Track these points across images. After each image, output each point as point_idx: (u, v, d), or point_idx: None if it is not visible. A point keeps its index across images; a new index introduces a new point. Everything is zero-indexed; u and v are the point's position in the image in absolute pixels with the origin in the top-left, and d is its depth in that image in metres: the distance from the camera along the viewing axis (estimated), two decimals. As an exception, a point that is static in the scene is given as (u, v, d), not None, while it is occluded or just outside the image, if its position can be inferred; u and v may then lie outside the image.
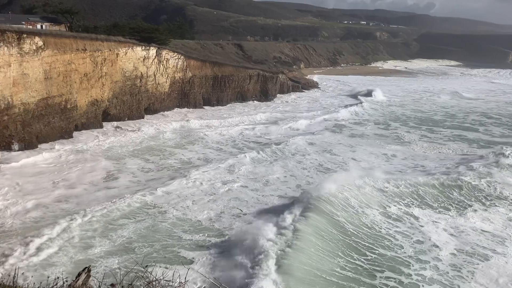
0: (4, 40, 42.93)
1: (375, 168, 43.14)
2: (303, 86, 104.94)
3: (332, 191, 33.93)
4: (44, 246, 25.82)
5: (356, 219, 31.19)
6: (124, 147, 49.72)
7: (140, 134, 55.35)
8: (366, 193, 35.51)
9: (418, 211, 33.78)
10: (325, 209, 31.36)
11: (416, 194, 36.89)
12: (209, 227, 29.85)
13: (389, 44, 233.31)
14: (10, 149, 44.98)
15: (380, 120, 71.98)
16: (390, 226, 31.09)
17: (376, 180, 37.99)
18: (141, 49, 65.09)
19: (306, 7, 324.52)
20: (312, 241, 27.03)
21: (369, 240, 28.51)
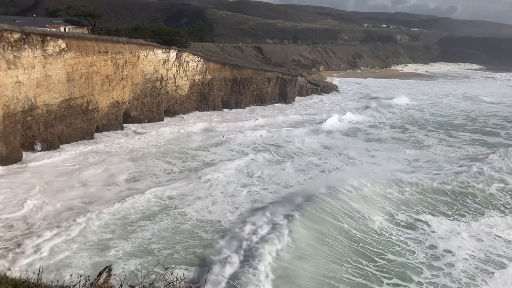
0: (28, 42, 43.85)
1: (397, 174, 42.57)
2: (322, 89, 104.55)
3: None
4: (63, 246, 26.25)
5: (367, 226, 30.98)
6: (146, 148, 50.02)
7: (161, 136, 55.74)
8: (374, 198, 35.28)
9: (434, 218, 33.41)
10: (330, 215, 31.37)
11: (432, 200, 36.48)
12: (229, 228, 29.93)
13: (410, 47, 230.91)
14: (33, 149, 45.91)
15: (397, 124, 71.19)
16: (401, 232, 30.79)
17: (391, 186, 37.74)
18: (162, 51, 65.78)
19: (326, 10, 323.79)
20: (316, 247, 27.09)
21: (379, 246, 28.33)
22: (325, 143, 55.58)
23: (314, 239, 28.42)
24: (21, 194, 33.97)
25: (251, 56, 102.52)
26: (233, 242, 27.30)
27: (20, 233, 27.58)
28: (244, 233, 28.51)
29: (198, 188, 37.41)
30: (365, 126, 68.42)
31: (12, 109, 42.31)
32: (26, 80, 43.69)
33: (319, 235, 29.05)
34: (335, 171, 44.04)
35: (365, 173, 41.54)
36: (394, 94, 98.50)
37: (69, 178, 38.84)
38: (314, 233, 29.21)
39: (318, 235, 29.04)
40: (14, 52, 41.90)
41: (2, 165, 40.27)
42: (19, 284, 5.70)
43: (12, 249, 25.39)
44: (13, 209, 31.07)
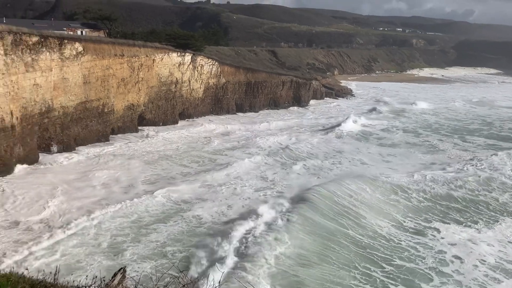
0: (46, 45, 44.52)
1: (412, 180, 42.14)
2: (336, 93, 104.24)
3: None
4: (78, 248, 26.54)
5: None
6: (162, 151, 50.14)
7: (176, 139, 56.07)
8: (381, 205, 34.96)
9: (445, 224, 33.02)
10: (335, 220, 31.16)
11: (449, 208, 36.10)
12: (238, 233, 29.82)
13: (426, 52, 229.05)
14: (50, 151, 46.52)
15: (410, 128, 70.61)
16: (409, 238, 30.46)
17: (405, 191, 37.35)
18: (177, 55, 66.25)
19: (341, 14, 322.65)
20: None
21: (387, 252, 28.09)
22: (338, 147, 55.26)
23: (320, 245, 28.25)
24: (41, 196, 34.26)
25: (265, 59, 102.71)
26: (237, 245, 27.40)
27: (38, 234, 27.82)
28: (246, 236, 28.54)
29: (213, 192, 37.39)
30: (378, 130, 67.92)
31: (30, 111, 42.96)
32: (43, 83, 44.34)
33: (324, 241, 28.84)
34: (347, 177, 43.71)
35: (376, 179, 41.32)
36: (409, 98, 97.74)
37: (86, 180, 39.14)
38: (320, 239, 29.00)
39: (323, 241, 28.82)
40: (32, 55, 42.57)
41: (20, 165, 40.88)
42: (36, 283, 5.79)
43: (30, 249, 25.73)
44: (33, 211, 31.34)
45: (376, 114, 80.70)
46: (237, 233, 28.79)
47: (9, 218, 29.98)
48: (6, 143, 38.86)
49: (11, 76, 39.67)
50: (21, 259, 24.53)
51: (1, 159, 38.31)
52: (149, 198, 34.76)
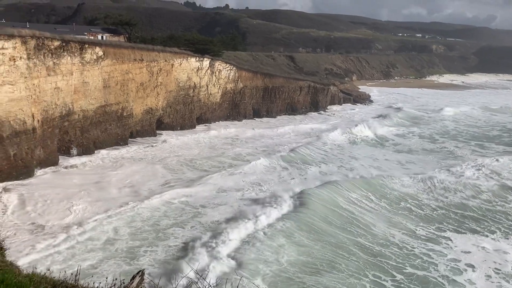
0: (68, 50, 45.30)
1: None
2: (354, 99, 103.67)
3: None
4: (97, 251, 26.80)
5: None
6: (181, 156, 50.17)
7: (195, 143, 56.33)
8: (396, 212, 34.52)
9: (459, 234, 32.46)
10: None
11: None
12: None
13: (445, 58, 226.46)
14: (69, 154, 47.21)
15: (426, 134, 69.82)
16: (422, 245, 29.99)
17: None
18: (195, 60, 66.74)
19: (360, 19, 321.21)
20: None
21: (399, 259, 27.69)
22: (353, 154, 54.80)
23: (329, 252, 28.00)
24: (64, 199, 34.55)
25: (283, 64, 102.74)
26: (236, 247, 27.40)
27: (63, 238, 28.07)
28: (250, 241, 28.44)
29: (232, 197, 37.26)
30: (395, 136, 67.23)
31: (51, 114, 43.69)
32: (64, 86, 45.07)
33: (333, 248, 28.56)
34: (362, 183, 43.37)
35: (384, 185, 40.95)
36: (428, 105, 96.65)
37: (106, 183, 39.33)
38: (329, 246, 28.72)
39: (332, 248, 28.55)
40: (54, 59, 43.34)
41: (40, 168, 41.58)
42: (58, 284, 5.88)
43: (53, 251, 26.12)
44: (58, 215, 31.56)
45: (393, 119, 79.94)
46: (237, 235, 28.77)
47: (34, 221, 30.24)
48: (27, 146, 39.56)
49: (33, 79, 40.43)
50: (45, 261, 24.84)
51: (22, 162, 38.99)
52: (167, 203, 34.88)
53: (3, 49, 36.83)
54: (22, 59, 38.80)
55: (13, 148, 38.05)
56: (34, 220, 30.40)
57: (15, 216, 30.93)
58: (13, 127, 38.00)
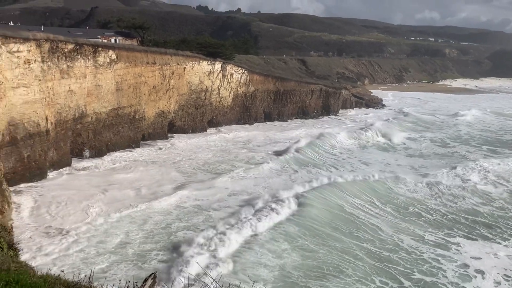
0: (81, 53, 45.75)
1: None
2: (366, 103, 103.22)
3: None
4: (111, 254, 26.93)
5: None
6: (194, 159, 50.14)
7: (207, 146, 56.41)
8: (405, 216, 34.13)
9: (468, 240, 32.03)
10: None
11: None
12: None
13: (459, 62, 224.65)
14: (82, 156, 47.61)
15: (438, 138, 69.24)
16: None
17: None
18: (207, 63, 67.00)
19: (372, 23, 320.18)
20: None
21: (407, 265, 27.38)
22: (364, 159, 54.43)
23: (336, 257, 27.79)
24: (80, 201, 34.71)
25: (294, 68, 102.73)
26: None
27: (76, 240, 28.36)
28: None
29: (239, 201, 37.08)
30: (406, 140, 66.65)
31: (64, 116, 44.12)
32: (77, 89, 45.49)
33: (339, 253, 28.31)
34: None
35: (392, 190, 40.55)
36: (441, 109, 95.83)
37: (120, 186, 39.42)
38: (335, 251, 28.49)
39: (339, 253, 28.29)
40: (68, 62, 43.79)
41: (53, 170, 41.98)
42: (72, 285, 5.91)
43: (63, 253, 26.30)
44: (76, 218, 31.69)
45: (405, 124, 79.39)
46: (238, 239, 28.68)
47: (49, 223, 30.39)
48: (40, 148, 39.97)
49: (47, 82, 40.88)
50: (59, 262, 25.01)
51: (35, 163, 39.39)
52: (180, 206, 34.92)
53: (18, 52, 37.31)
54: (36, 62, 39.26)
55: (27, 150, 38.47)
56: (49, 222, 30.61)
57: (30, 218, 31.19)
58: (27, 129, 38.43)
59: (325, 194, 38.38)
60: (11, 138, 36.86)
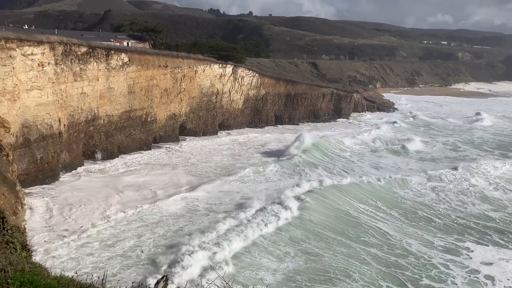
0: (94, 56, 46.20)
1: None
2: (378, 106, 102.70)
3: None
4: (125, 255, 27.06)
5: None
6: (206, 163, 50.11)
7: (219, 149, 56.44)
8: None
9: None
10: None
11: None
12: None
13: (472, 65, 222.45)
14: (94, 158, 47.99)
15: (450, 142, 68.75)
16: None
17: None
18: (218, 66, 67.22)
19: (384, 27, 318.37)
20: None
21: (415, 270, 27.11)
22: (374, 162, 54.09)
23: (342, 261, 27.58)
24: (96, 203, 34.97)
25: (306, 71, 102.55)
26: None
27: (91, 242, 28.58)
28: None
29: (246, 204, 36.89)
30: (418, 143, 66.08)
31: (76, 118, 44.55)
32: (90, 92, 45.92)
33: (347, 258, 28.10)
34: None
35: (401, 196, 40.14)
36: (453, 113, 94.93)
37: (134, 188, 39.57)
38: (342, 257, 28.29)
39: (345, 257, 28.09)
40: (81, 65, 44.25)
41: (65, 171, 42.37)
42: (85, 287, 5.96)
43: (77, 254, 26.53)
44: (93, 220, 31.89)
45: (417, 128, 78.86)
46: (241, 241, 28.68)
47: (63, 225, 30.65)
48: (53, 150, 40.38)
49: (60, 85, 41.33)
50: (72, 264, 25.22)
51: (48, 165, 39.79)
52: (191, 210, 34.97)
53: (32, 55, 37.79)
54: (50, 65, 39.73)
55: (40, 152, 38.89)
56: (61, 224, 30.93)
57: (43, 220, 31.50)
58: (40, 131, 38.86)
59: (332, 197, 38.22)
60: (24, 139, 37.30)
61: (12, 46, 35.98)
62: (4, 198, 21.07)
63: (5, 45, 35.34)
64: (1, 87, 34.76)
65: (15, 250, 8.27)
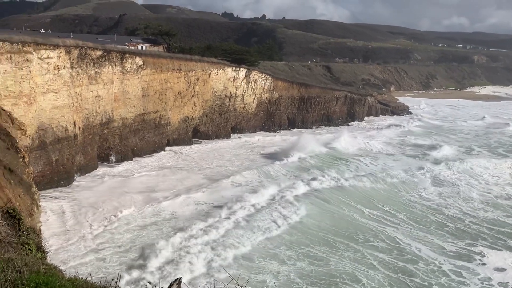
0: (109, 59, 46.65)
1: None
2: (392, 110, 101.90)
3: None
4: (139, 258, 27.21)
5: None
6: (221, 166, 50.08)
7: (233, 153, 56.42)
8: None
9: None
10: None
11: None
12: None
13: (488, 69, 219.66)
14: (108, 160, 48.38)
15: (465, 145, 68.21)
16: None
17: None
18: (232, 70, 67.39)
19: (399, 30, 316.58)
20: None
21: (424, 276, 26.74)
22: (386, 165, 53.68)
23: (349, 265, 27.37)
24: (108, 205, 35.28)
25: (319, 74, 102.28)
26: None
27: (105, 245, 28.86)
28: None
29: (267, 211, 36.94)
30: (431, 145, 65.59)
31: (91, 121, 44.98)
32: (105, 95, 46.35)
33: (352, 262, 27.87)
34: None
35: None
36: (469, 116, 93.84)
37: (150, 191, 39.78)
38: (348, 261, 28.07)
39: (351, 262, 27.87)
40: (96, 68, 44.71)
41: (80, 174, 42.78)
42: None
43: (92, 257, 26.76)
44: (103, 222, 32.28)
45: (429, 130, 78.12)
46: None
47: (78, 228, 30.91)
48: (68, 152, 40.81)
49: (75, 88, 41.80)
50: (87, 267, 25.43)
51: (63, 167, 40.21)
52: (206, 213, 34.98)
53: (48, 59, 38.29)
54: (65, 68, 40.21)
55: (55, 154, 39.33)
56: (77, 226, 31.18)
57: (58, 221, 31.80)
58: (55, 133, 39.31)
59: (334, 203, 37.98)
60: (40, 142, 37.77)
61: (29, 49, 36.53)
62: (20, 200, 21.33)
63: (22, 48, 35.90)
64: (18, 90, 35.29)
65: (31, 251, 8.37)
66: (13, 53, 35.10)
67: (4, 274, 5.11)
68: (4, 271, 5.09)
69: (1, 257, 5.77)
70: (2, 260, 5.65)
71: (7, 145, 26.78)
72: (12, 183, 20.98)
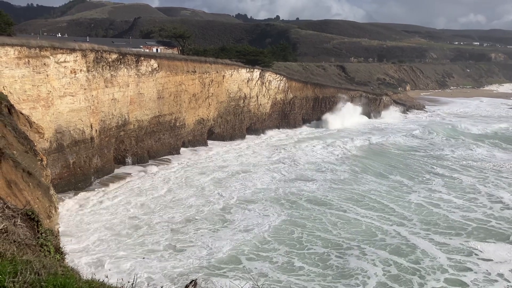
0: (124, 62, 47.10)
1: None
2: (408, 109, 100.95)
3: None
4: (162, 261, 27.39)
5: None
6: (233, 166, 50.12)
7: (250, 154, 56.35)
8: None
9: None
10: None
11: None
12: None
13: (506, 66, 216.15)
14: (124, 163, 48.82)
15: (487, 144, 67.49)
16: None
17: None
18: (246, 71, 67.48)
19: (414, 28, 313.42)
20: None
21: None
22: (404, 164, 53.24)
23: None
24: (127, 208, 35.79)
25: (334, 75, 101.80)
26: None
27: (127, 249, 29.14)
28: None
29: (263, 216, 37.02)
30: (448, 146, 64.73)
31: (108, 124, 45.46)
32: (120, 97, 46.81)
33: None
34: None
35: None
36: (488, 115, 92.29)
37: (172, 194, 39.87)
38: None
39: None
40: (112, 71, 45.18)
41: (97, 177, 43.20)
42: (116, 291, 6.09)
43: (112, 259, 27.07)
44: (123, 225, 32.77)
45: (448, 131, 77.08)
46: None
47: (102, 233, 31.04)
48: (85, 154, 41.30)
49: (92, 91, 42.29)
50: (105, 270, 25.69)
51: (80, 170, 40.71)
52: (224, 217, 35.27)
53: (65, 62, 38.82)
54: (82, 72, 40.73)
55: (72, 157, 39.84)
56: (95, 228, 31.51)
57: (75, 224, 32.17)
58: (73, 136, 39.82)
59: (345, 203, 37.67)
60: (58, 145, 38.30)
61: (46, 54, 37.08)
62: (39, 202, 21.63)
63: (39, 53, 36.46)
64: (36, 94, 35.85)
65: (49, 253, 8.47)
66: (31, 58, 35.70)
67: (23, 276, 5.19)
68: (23, 273, 5.18)
69: (20, 259, 5.86)
70: (20, 262, 5.74)
71: (25, 148, 27.14)
72: (30, 185, 21.28)
